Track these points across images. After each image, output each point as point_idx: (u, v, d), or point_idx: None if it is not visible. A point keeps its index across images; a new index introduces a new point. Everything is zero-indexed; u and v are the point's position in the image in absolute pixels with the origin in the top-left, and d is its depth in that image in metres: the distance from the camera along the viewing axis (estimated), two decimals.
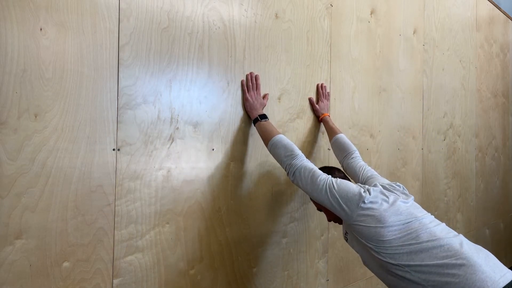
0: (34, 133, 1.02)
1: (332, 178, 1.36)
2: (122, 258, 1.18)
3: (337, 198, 1.30)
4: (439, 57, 2.68)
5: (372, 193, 1.29)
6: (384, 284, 2.26)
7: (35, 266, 1.02)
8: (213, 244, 1.42)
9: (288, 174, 1.41)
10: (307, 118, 1.77)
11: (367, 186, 1.34)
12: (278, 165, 1.65)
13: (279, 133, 1.46)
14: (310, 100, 1.78)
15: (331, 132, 1.76)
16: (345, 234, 1.40)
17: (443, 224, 1.26)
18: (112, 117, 1.15)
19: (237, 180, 1.49)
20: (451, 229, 1.26)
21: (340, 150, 1.70)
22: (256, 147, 1.56)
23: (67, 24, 1.07)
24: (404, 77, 2.36)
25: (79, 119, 1.09)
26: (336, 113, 1.91)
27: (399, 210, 1.25)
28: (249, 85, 1.52)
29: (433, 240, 1.17)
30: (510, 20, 3.76)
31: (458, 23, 2.91)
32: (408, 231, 1.20)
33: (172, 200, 1.30)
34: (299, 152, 1.42)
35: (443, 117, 2.74)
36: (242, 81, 1.51)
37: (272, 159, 1.62)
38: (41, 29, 1.02)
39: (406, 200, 1.30)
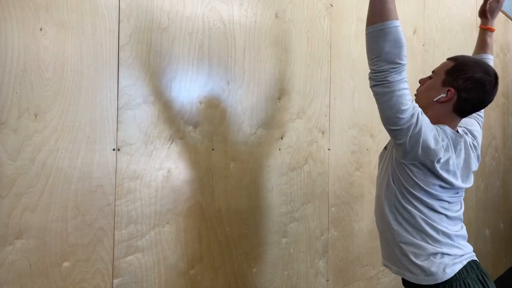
0: (34, 133, 1.02)
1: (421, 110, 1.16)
2: (122, 258, 1.18)
3: (419, 136, 1.13)
4: (439, 57, 2.67)
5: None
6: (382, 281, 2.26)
7: (35, 266, 1.02)
8: (213, 244, 1.42)
9: (371, 78, 1.16)
10: (307, 118, 1.77)
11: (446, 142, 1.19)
12: (278, 165, 1.65)
13: (397, 19, 1.11)
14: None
15: (481, 47, 1.60)
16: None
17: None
18: (112, 117, 1.15)
19: (237, 180, 1.49)
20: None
21: (480, 47, 1.59)
22: (256, 147, 1.56)
23: (67, 24, 1.07)
24: None
25: (79, 119, 1.09)
26: (336, 113, 1.91)
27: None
28: None
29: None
30: (510, 20, 3.76)
31: (458, 23, 2.91)
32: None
33: (172, 200, 1.30)
34: (404, 61, 1.11)
35: None
36: None
37: (271, 159, 1.62)
38: (41, 29, 1.02)
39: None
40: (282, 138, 1.66)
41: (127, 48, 1.19)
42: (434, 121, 1.22)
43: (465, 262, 1.21)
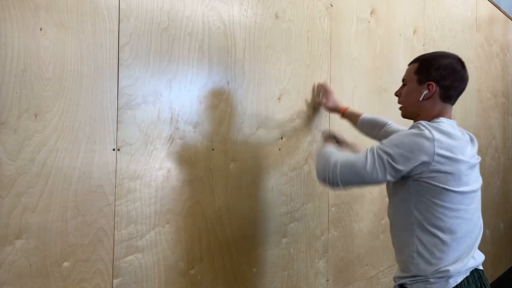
0: (34, 133, 1.02)
1: (373, 147, 1.20)
2: (122, 258, 1.18)
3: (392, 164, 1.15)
4: None
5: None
6: (381, 280, 2.26)
7: (35, 266, 1.02)
8: (213, 244, 1.42)
9: (337, 187, 1.23)
10: (307, 118, 1.77)
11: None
12: (278, 165, 1.65)
13: (333, 158, 1.25)
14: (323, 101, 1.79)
15: (356, 117, 1.74)
16: None
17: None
18: (112, 117, 1.15)
19: (237, 180, 1.49)
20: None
21: (372, 125, 1.68)
22: (256, 147, 1.56)
23: (67, 24, 1.07)
24: None
25: (79, 119, 1.09)
26: None
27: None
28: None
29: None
30: (510, 20, 3.76)
31: (458, 23, 2.91)
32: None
33: (172, 200, 1.30)
34: (333, 158, 1.23)
35: None
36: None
37: (271, 159, 1.62)
38: (41, 29, 1.02)
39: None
40: (282, 138, 1.66)
41: (127, 48, 1.19)
42: (431, 117, 1.25)
43: (468, 272, 1.21)
